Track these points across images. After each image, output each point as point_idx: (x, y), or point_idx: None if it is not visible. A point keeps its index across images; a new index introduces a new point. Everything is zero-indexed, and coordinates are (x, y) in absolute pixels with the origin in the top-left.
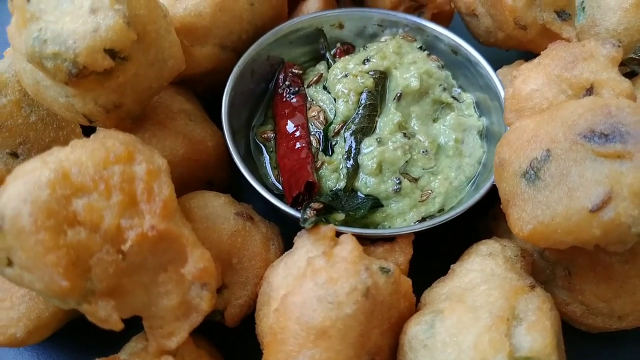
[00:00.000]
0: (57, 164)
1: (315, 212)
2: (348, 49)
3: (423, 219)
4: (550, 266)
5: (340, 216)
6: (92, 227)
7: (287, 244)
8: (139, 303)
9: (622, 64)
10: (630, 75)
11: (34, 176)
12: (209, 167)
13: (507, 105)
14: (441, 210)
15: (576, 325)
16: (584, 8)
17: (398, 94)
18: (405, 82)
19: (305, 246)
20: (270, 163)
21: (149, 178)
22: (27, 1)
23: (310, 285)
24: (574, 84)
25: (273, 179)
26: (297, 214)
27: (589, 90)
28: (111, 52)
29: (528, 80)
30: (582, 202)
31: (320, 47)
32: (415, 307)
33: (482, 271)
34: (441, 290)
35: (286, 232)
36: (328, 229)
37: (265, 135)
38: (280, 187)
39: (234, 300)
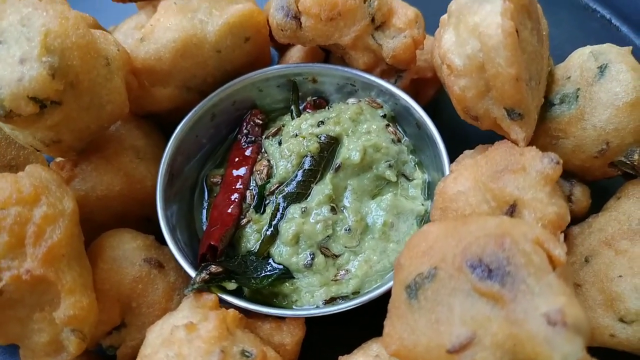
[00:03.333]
0: None
1: (209, 275)
2: (320, 103)
3: (333, 299)
4: None
5: (232, 285)
6: None
7: None
8: (13, 334)
9: (613, 165)
10: (628, 176)
11: None
12: (146, 205)
13: (435, 201)
14: (356, 293)
15: None
16: (577, 97)
17: (337, 165)
18: (347, 154)
19: (183, 310)
20: (207, 208)
21: (43, 222)
22: None
23: (161, 356)
24: (498, 196)
25: (205, 226)
26: (194, 274)
27: (512, 207)
28: (36, 99)
29: (458, 180)
30: (443, 340)
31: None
32: None
33: None
34: None
35: None
36: (210, 299)
37: (214, 179)
38: None
39: (128, 341)
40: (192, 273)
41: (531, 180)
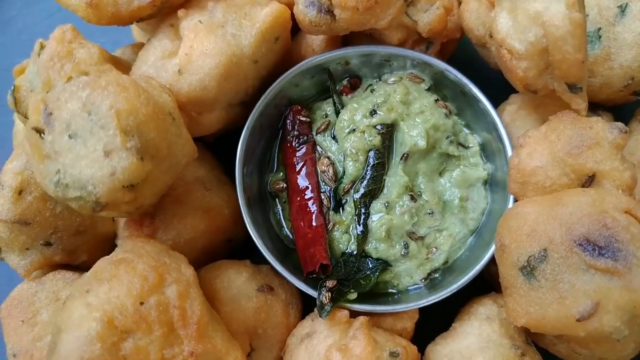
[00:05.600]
0: (101, 311)
1: (330, 292)
2: (355, 82)
3: (429, 274)
4: None
5: (353, 295)
6: None
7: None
8: None
9: (634, 93)
10: None
11: (83, 330)
12: (227, 230)
13: (511, 175)
14: (445, 263)
15: None
16: (600, 37)
17: (405, 155)
18: (412, 141)
19: (323, 332)
20: (283, 214)
21: (181, 301)
22: (40, 138)
23: None
24: (578, 170)
25: (287, 230)
26: (311, 291)
27: (591, 177)
28: (130, 185)
29: (534, 155)
30: (571, 311)
31: (325, 80)
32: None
33: (479, 335)
34: (443, 350)
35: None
36: (343, 315)
37: (278, 186)
38: (291, 236)
39: None
40: (302, 288)
41: (606, 152)
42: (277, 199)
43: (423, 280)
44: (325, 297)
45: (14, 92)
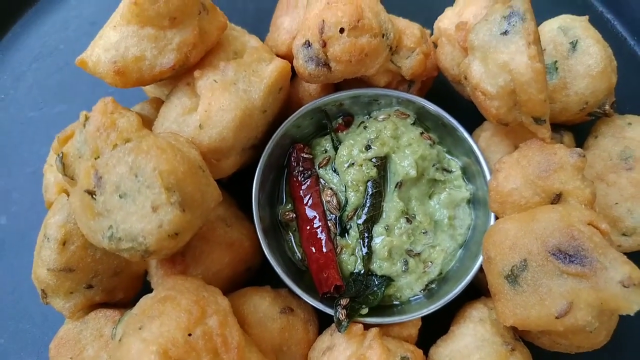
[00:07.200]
0: (156, 345)
1: (345, 310)
2: (348, 120)
3: (427, 285)
4: None
5: (365, 310)
6: None
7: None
8: None
9: (589, 114)
10: (596, 118)
11: None
12: (248, 260)
13: (491, 196)
14: (440, 274)
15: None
16: (556, 68)
17: (399, 183)
18: (404, 171)
19: (342, 344)
20: (294, 240)
21: (222, 329)
22: (92, 199)
23: None
24: (547, 190)
25: (298, 254)
26: (327, 310)
27: (558, 196)
28: (174, 234)
29: (509, 179)
30: (550, 310)
31: (322, 119)
32: None
33: (474, 336)
34: (444, 351)
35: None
36: (358, 329)
37: (288, 216)
38: (304, 260)
39: None
40: (319, 307)
41: (569, 174)
42: (287, 228)
43: (422, 291)
44: (342, 314)
45: (62, 159)
